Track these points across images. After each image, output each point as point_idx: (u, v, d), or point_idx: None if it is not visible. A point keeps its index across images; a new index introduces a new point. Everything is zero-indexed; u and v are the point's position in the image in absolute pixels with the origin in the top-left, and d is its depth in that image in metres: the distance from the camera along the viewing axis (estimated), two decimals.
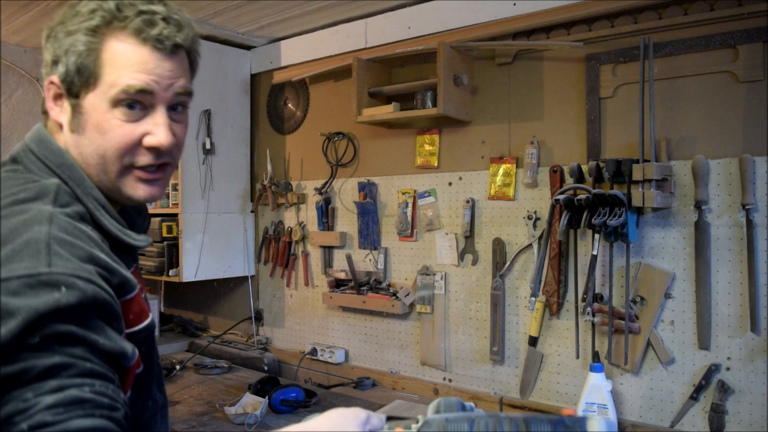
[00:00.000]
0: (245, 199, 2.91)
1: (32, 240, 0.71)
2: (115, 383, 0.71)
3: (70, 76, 0.82)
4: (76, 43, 0.81)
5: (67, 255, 0.71)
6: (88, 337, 0.69)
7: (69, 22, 0.83)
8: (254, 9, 2.41)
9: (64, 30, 0.83)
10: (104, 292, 0.72)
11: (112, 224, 0.85)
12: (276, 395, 2.08)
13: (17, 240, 0.71)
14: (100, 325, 0.71)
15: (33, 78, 3.03)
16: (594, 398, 1.77)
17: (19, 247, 0.71)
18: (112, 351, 0.71)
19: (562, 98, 2.01)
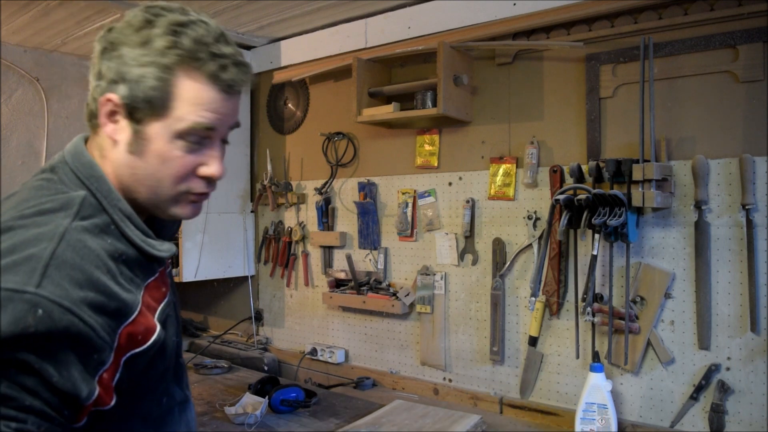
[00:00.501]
0: (245, 199, 2.91)
1: (34, 256, 0.73)
2: (55, 421, 0.71)
3: (136, 103, 0.85)
4: (148, 75, 0.84)
5: (60, 279, 0.72)
6: (44, 371, 0.69)
7: (136, 49, 0.85)
8: (254, 9, 2.41)
9: (131, 56, 0.85)
10: (82, 324, 0.72)
11: (137, 235, 0.88)
12: (276, 395, 2.08)
13: (23, 253, 0.73)
14: (65, 359, 0.71)
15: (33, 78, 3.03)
16: (594, 398, 1.77)
17: (21, 260, 0.72)
18: (63, 389, 0.71)
19: (562, 98, 2.01)
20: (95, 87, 0.89)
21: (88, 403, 0.74)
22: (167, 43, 0.84)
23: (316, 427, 1.95)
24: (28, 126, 3.02)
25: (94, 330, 0.74)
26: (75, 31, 2.76)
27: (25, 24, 2.65)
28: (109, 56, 0.88)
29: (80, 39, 2.88)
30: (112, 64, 0.87)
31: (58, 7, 2.43)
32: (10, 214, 0.79)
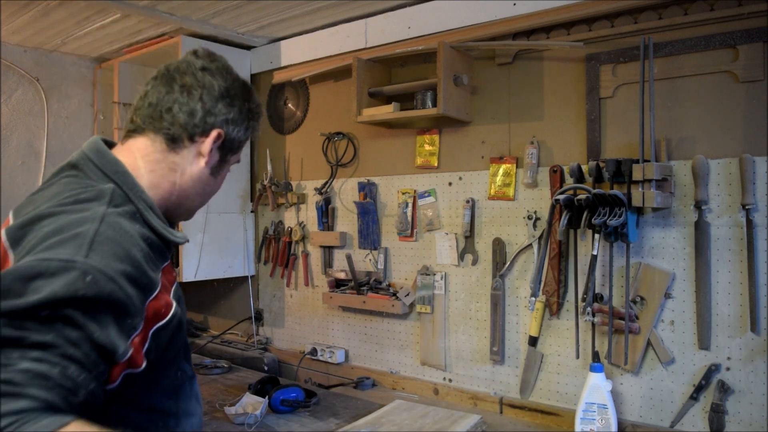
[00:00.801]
0: (245, 199, 2.91)
1: (81, 233, 0.85)
2: (92, 373, 0.80)
3: (231, 144, 1.14)
4: (241, 130, 1.15)
5: (104, 253, 0.85)
6: (86, 327, 0.79)
7: (228, 109, 1.12)
8: (254, 9, 2.41)
9: (237, 110, 1.13)
10: (121, 292, 0.84)
11: (158, 223, 1.03)
12: (276, 395, 2.08)
13: (69, 232, 0.85)
14: (105, 320, 0.82)
15: (33, 78, 3.03)
16: (594, 398, 1.77)
17: (69, 237, 0.85)
18: (103, 344, 0.81)
19: (562, 98, 2.01)
20: (206, 123, 1.10)
21: (122, 360, 0.85)
22: (252, 111, 1.17)
23: (316, 427, 1.95)
24: (28, 126, 3.02)
25: (130, 298, 0.86)
26: (75, 31, 2.76)
27: (25, 24, 2.65)
28: (226, 106, 1.12)
29: (80, 39, 2.88)
30: (224, 108, 1.11)
31: (58, 7, 2.43)
32: (49, 204, 0.92)
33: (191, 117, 1.08)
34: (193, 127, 1.08)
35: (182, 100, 1.08)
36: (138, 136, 1.09)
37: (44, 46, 3.01)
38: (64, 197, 0.94)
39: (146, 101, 1.10)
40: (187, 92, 1.08)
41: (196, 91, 1.08)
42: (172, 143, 1.08)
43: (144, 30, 2.71)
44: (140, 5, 2.37)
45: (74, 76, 3.20)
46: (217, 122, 1.10)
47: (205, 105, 1.09)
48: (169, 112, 1.07)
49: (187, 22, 2.55)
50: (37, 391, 0.73)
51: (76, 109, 3.20)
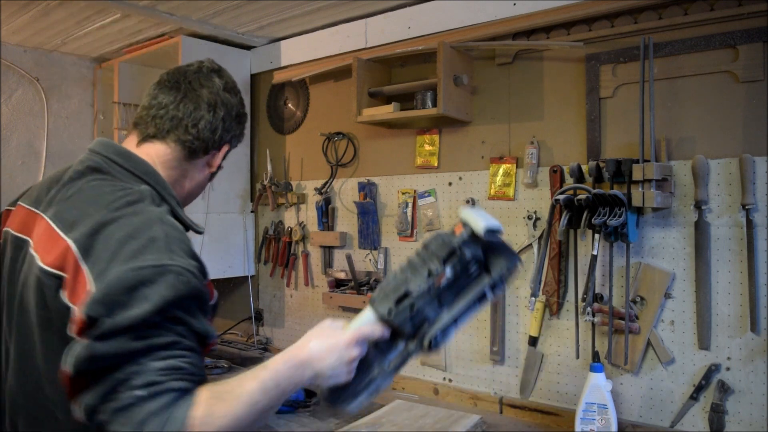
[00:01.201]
0: (245, 199, 2.91)
1: (155, 237, 0.94)
2: (201, 356, 0.95)
3: (228, 154, 1.27)
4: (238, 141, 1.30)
5: (180, 251, 0.95)
6: (188, 321, 0.91)
7: (238, 127, 1.26)
8: (254, 9, 2.41)
9: (238, 131, 1.27)
10: (201, 284, 0.95)
11: (187, 217, 1.16)
12: None
13: (143, 236, 0.93)
14: (196, 311, 0.94)
15: (33, 78, 3.03)
16: (594, 398, 1.77)
17: (146, 242, 0.93)
18: (201, 332, 0.94)
19: (562, 98, 2.01)
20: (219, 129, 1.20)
21: (212, 341, 0.98)
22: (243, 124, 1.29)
23: (316, 427, 1.95)
24: (28, 126, 3.02)
25: (204, 288, 0.97)
26: (75, 31, 2.76)
27: (25, 24, 2.65)
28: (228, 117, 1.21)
29: (80, 39, 2.88)
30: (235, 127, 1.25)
31: (58, 7, 2.43)
32: (103, 211, 0.98)
33: (213, 134, 1.19)
34: (212, 143, 1.19)
35: (208, 118, 1.17)
36: (157, 141, 1.16)
37: (44, 46, 3.00)
38: (113, 201, 1.00)
39: (168, 111, 1.15)
40: (213, 111, 1.18)
41: (220, 110, 1.19)
42: (190, 154, 1.18)
43: (144, 30, 2.71)
44: (140, 5, 2.37)
45: (74, 76, 3.20)
46: (227, 138, 1.23)
47: (224, 124, 1.20)
48: (195, 127, 1.16)
49: (187, 22, 2.55)
50: (175, 383, 0.87)
51: (76, 109, 3.20)
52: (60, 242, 0.96)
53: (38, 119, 3.06)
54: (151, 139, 1.16)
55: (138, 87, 3.07)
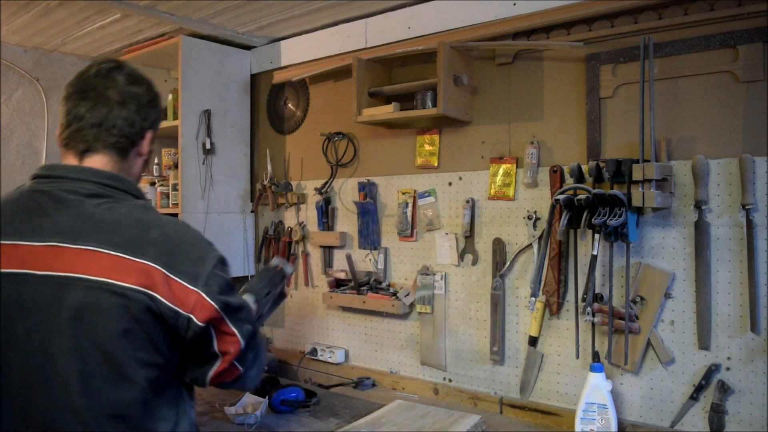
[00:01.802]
0: (245, 199, 2.91)
1: (198, 237, 1.25)
2: None
3: (154, 138, 1.36)
4: (158, 123, 1.38)
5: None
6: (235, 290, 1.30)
7: (154, 112, 1.34)
8: (254, 9, 2.41)
9: (156, 115, 1.35)
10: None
11: None
12: (276, 395, 2.08)
13: (194, 236, 1.25)
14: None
15: (33, 78, 3.03)
16: (594, 398, 1.77)
17: (195, 240, 1.24)
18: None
19: (562, 98, 2.01)
20: (137, 121, 1.28)
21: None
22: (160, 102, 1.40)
23: (316, 427, 1.95)
24: (28, 126, 3.02)
25: None
26: (75, 31, 2.76)
27: (25, 24, 2.65)
28: (140, 107, 1.29)
29: (80, 39, 2.88)
30: (152, 114, 1.33)
31: (58, 7, 2.43)
32: (158, 231, 1.19)
33: (132, 127, 1.26)
34: (135, 135, 1.28)
35: (123, 115, 1.24)
36: (92, 154, 1.25)
37: (44, 46, 3.00)
38: (157, 219, 1.23)
39: (87, 122, 1.23)
40: (125, 107, 1.25)
41: (131, 104, 1.26)
42: (121, 153, 1.27)
43: (144, 30, 2.71)
44: (140, 5, 2.37)
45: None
46: (147, 125, 1.30)
47: (139, 114, 1.27)
48: (115, 128, 1.24)
49: (187, 22, 2.55)
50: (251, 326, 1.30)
51: None
52: (134, 264, 1.13)
53: (38, 119, 3.06)
54: (87, 154, 1.24)
55: None
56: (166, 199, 2.80)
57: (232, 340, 1.23)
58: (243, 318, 1.25)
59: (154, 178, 2.86)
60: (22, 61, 2.99)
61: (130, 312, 1.12)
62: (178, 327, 1.15)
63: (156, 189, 2.84)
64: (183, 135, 2.63)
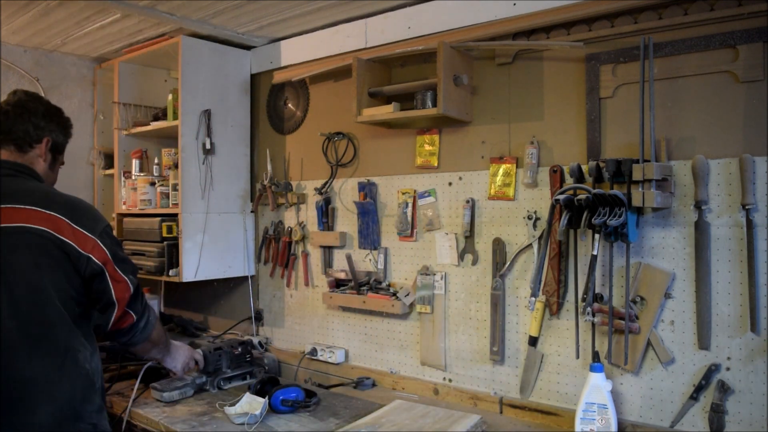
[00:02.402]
0: (245, 199, 2.91)
1: (91, 206, 1.74)
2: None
3: (57, 146, 1.88)
4: (60, 135, 1.89)
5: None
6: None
7: (49, 123, 1.84)
8: (254, 9, 2.41)
9: (54, 123, 1.86)
10: None
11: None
12: (276, 395, 2.08)
13: (84, 204, 1.73)
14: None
15: (33, 78, 3.03)
16: (594, 398, 1.77)
17: (90, 207, 1.73)
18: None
19: (562, 98, 2.01)
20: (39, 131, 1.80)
21: None
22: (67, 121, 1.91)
23: (316, 427, 1.95)
24: None
25: None
26: (75, 31, 2.76)
27: (25, 24, 2.65)
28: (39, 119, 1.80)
29: (80, 39, 2.88)
30: (45, 124, 1.81)
31: (58, 7, 2.43)
32: (63, 195, 1.71)
33: (26, 135, 1.75)
34: (31, 138, 1.76)
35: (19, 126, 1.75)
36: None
37: (44, 46, 3.00)
38: (59, 192, 1.73)
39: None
40: (20, 119, 1.75)
41: (26, 116, 1.76)
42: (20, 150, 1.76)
43: (144, 30, 2.71)
44: (140, 5, 2.37)
45: (74, 76, 3.20)
46: (44, 133, 1.78)
47: (33, 124, 1.77)
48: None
49: (187, 22, 2.55)
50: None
51: (76, 109, 3.20)
52: (45, 215, 1.58)
53: None
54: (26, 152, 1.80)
55: (138, 87, 3.08)
56: (166, 199, 2.80)
57: (124, 287, 1.66)
58: (129, 269, 1.69)
59: (154, 178, 2.86)
60: (22, 61, 2.99)
61: (44, 248, 1.56)
62: (80, 264, 1.59)
63: (156, 189, 2.84)
64: (183, 135, 2.63)
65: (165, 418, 2.03)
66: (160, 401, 2.19)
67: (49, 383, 1.55)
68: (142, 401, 2.20)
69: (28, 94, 1.83)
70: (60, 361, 1.58)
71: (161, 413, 2.08)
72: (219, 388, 2.37)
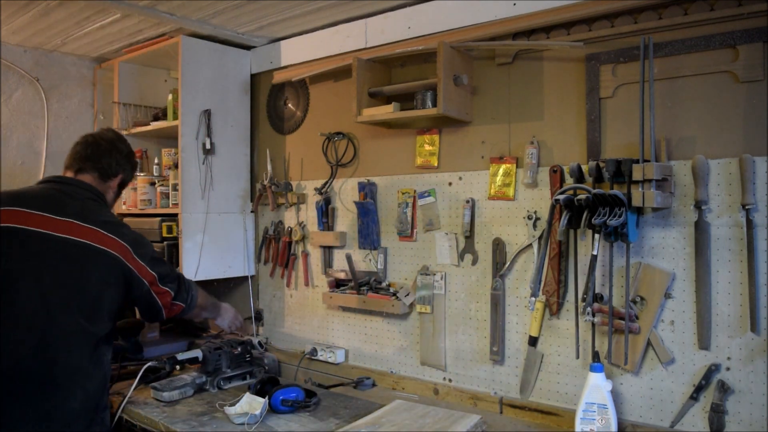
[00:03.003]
0: (245, 199, 2.91)
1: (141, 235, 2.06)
2: None
3: (124, 182, 2.21)
4: (129, 174, 2.21)
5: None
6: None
7: (126, 163, 2.17)
8: (254, 9, 2.41)
9: (128, 166, 2.19)
10: None
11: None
12: (276, 395, 2.07)
13: (139, 234, 2.04)
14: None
15: (33, 78, 3.03)
16: (594, 398, 1.77)
17: (142, 237, 2.04)
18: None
19: (562, 98, 2.01)
20: (113, 167, 2.10)
21: None
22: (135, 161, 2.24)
23: (316, 427, 1.95)
24: (28, 126, 3.02)
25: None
26: (75, 31, 2.76)
27: (25, 24, 2.65)
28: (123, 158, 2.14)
29: (80, 39, 2.88)
30: (124, 163, 2.14)
31: (58, 7, 2.43)
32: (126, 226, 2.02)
33: (109, 167, 2.05)
34: (111, 172, 2.06)
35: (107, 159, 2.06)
36: (84, 174, 2.03)
37: (44, 46, 3.00)
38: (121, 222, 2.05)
39: (86, 156, 2.04)
40: (108, 154, 2.06)
41: (114, 153, 2.07)
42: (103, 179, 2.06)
43: (144, 30, 2.71)
44: (140, 5, 2.37)
45: (74, 76, 3.20)
46: (120, 170, 2.09)
47: (116, 161, 2.07)
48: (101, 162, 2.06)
49: (187, 22, 2.55)
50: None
51: (76, 109, 3.20)
52: (121, 245, 1.90)
53: (38, 119, 3.06)
54: (80, 173, 2.07)
55: (138, 87, 3.08)
56: (166, 199, 2.80)
57: (166, 294, 1.99)
58: (169, 279, 2.00)
59: (154, 178, 2.86)
60: (22, 61, 2.99)
61: (111, 268, 1.86)
62: (133, 284, 1.89)
63: (156, 189, 2.84)
64: (183, 135, 2.63)
65: (165, 418, 2.03)
66: (160, 401, 2.19)
67: (86, 374, 1.79)
68: (142, 401, 2.20)
69: (117, 134, 2.15)
70: (94, 355, 1.81)
71: (161, 413, 2.08)
72: (219, 388, 2.37)
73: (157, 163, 2.90)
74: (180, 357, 2.34)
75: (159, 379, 2.30)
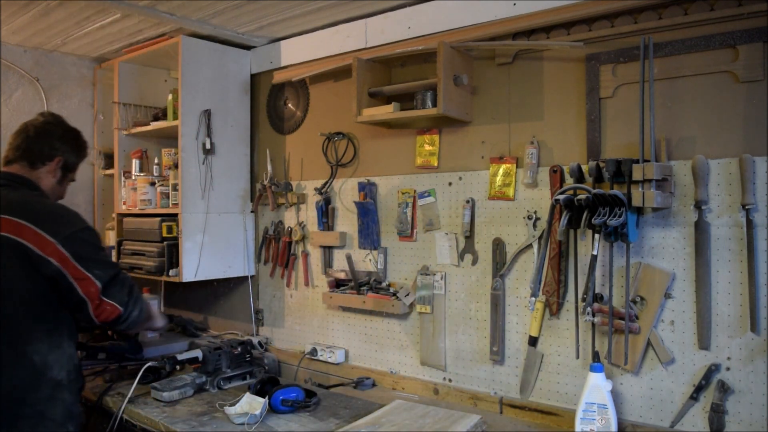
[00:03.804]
0: (245, 199, 2.91)
1: (67, 211, 1.88)
2: None
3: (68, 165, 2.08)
4: (72, 156, 2.09)
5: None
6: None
7: (64, 144, 2.05)
8: (254, 9, 2.41)
9: (66, 147, 2.07)
10: None
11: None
12: (276, 395, 2.08)
13: (59, 209, 1.87)
14: None
15: (33, 78, 3.03)
16: (594, 398, 1.77)
17: (65, 212, 1.87)
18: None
19: (562, 98, 2.01)
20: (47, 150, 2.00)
21: None
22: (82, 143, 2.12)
23: (316, 427, 1.95)
24: None
25: None
26: (75, 31, 2.76)
27: (25, 24, 2.65)
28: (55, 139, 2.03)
29: (80, 39, 2.88)
30: (60, 145, 2.03)
31: (58, 7, 2.43)
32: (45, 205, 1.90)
33: (40, 153, 1.96)
34: (44, 157, 1.96)
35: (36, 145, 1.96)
36: (11, 164, 1.96)
37: (44, 46, 3.01)
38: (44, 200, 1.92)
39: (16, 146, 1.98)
40: (37, 140, 1.98)
41: (44, 137, 1.98)
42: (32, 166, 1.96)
43: (144, 30, 2.71)
44: (140, 5, 2.37)
45: (74, 76, 3.20)
46: (57, 153, 1.98)
47: (49, 145, 1.98)
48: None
49: (187, 22, 2.55)
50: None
51: (76, 109, 3.20)
52: (17, 224, 1.74)
53: None
54: (10, 164, 1.99)
55: (138, 87, 3.08)
56: (166, 199, 2.80)
57: (88, 283, 1.74)
58: (95, 266, 1.76)
59: (154, 178, 2.86)
60: (22, 61, 2.99)
61: (8, 251, 1.71)
62: (40, 265, 1.70)
63: (156, 189, 2.84)
64: (183, 135, 2.63)
65: (165, 418, 2.03)
66: (160, 401, 2.19)
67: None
68: (142, 401, 2.20)
69: (52, 116, 2.06)
70: (6, 351, 1.71)
71: (161, 413, 2.08)
72: (219, 388, 2.37)
73: (157, 163, 2.90)
74: (180, 357, 2.33)
75: (159, 379, 2.30)
